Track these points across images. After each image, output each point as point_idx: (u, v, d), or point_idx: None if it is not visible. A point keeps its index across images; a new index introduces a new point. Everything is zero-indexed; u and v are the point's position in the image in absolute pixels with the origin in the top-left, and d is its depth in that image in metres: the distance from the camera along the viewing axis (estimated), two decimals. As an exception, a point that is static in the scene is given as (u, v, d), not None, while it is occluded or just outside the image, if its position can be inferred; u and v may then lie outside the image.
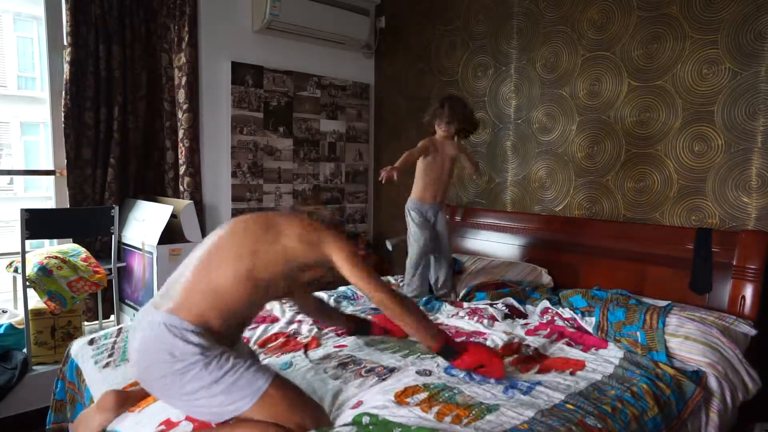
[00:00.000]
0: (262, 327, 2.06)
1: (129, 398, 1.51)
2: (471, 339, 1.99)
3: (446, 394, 1.44)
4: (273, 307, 2.28)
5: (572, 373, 1.66)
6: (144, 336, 1.35)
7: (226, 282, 1.37)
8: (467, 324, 2.16)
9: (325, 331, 2.05)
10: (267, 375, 1.33)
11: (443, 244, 2.62)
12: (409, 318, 1.49)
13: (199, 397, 1.30)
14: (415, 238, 2.53)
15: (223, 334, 1.39)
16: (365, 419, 1.31)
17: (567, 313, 2.15)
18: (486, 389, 1.50)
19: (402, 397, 1.41)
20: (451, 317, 2.27)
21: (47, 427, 1.84)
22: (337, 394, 1.50)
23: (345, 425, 1.31)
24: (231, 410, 1.29)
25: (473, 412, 1.35)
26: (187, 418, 1.37)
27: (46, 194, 6.55)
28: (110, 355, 1.79)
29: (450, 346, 1.54)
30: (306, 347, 1.86)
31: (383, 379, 1.58)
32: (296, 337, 1.97)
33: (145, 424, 1.37)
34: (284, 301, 2.31)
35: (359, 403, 1.42)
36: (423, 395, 1.43)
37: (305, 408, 1.33)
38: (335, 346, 1.89)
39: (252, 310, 1.49)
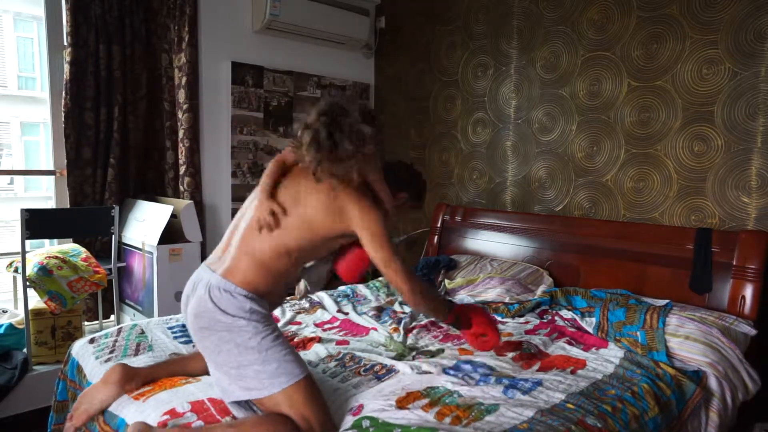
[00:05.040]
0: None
1: (136, 376, 1.51)
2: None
3: (446, 400, 1.44)
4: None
5: (573, 372, 1.66)
6: (200, 297, 1.39)
7: (263, 255, 1.41)
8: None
9: (327, 332, 2.05)
10: (304, 367, 1.39)
11: None
12: (426, 306, 1.53)
13: (248, 364, 1.33)
14: None
15: (271, 295, 1.46)
16: (365, 423, 1.31)
17: (567, 314, 2.15)
18: (486, 390, 1.50)
19: (403, 403, 1.42)
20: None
21: (49, 429, 1.83)
22: (336, 392, 1.50)
23: (346, 430, 1.32)
24: (265, 385, 1.33)
25: (473, 412, 1.35)
26: (192, 410, 1.37)
27: (46, 194, 6.55)
28: (111, 352, 1.79)
29: (460, 319, 1.62)
30: (306, 345, 1.86)
31: (382, 381, 1.58)
32: (295, 338, 1.97)
33: (150, 412, 1.38)
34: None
35: (360, 408, 1.42)
36: (424, 402, 1.42)
37: (320, 411, 1.34)
38: (337, 343, 1.90)
39: (292, 274, 1.52)
